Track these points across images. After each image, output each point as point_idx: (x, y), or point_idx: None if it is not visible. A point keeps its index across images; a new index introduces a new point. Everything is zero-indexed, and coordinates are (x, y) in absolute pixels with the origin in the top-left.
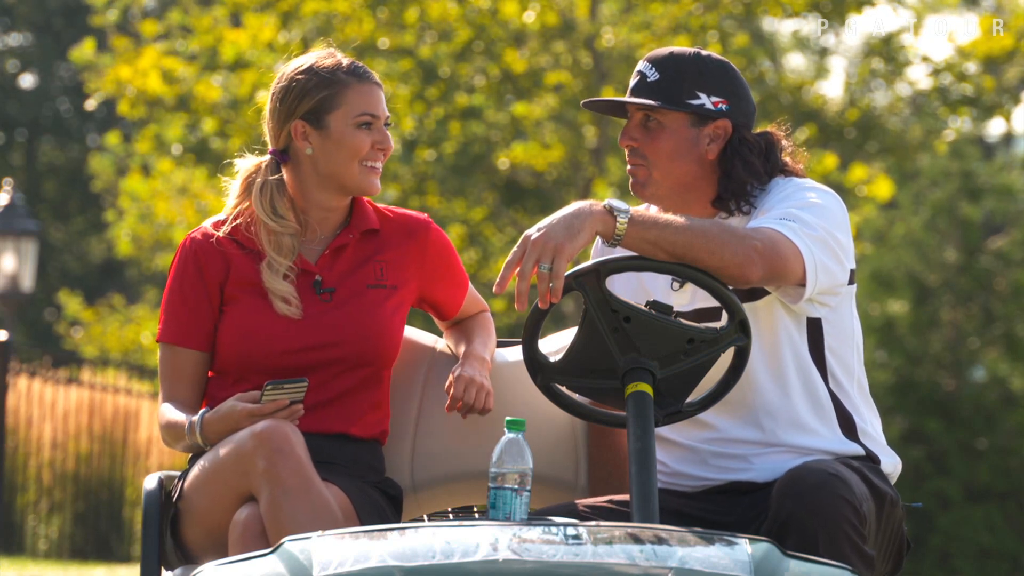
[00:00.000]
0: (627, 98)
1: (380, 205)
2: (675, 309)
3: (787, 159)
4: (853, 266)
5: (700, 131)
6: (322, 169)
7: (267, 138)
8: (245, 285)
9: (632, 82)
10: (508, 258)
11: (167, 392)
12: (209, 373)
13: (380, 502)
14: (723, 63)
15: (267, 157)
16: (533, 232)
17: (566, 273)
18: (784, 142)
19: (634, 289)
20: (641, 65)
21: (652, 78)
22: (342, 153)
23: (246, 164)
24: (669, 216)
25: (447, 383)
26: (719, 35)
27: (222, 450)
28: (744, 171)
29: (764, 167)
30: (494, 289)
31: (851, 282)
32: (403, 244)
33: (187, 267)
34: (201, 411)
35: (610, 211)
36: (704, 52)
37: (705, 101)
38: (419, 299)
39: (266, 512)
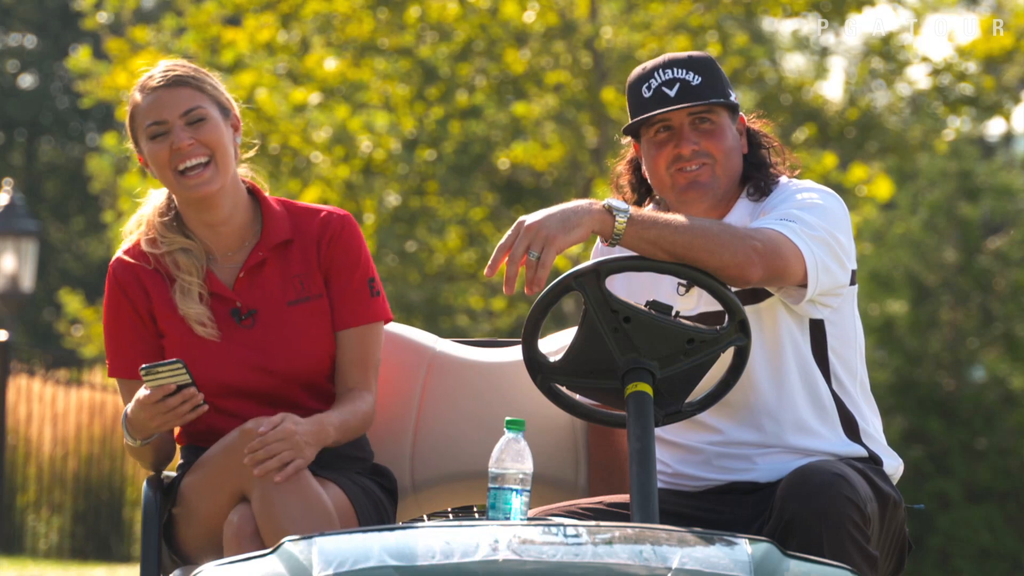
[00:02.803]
0: (688, 103)
1: (300, 203)
2: (682, 313)
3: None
4: (854, 267)
5: (736, 126)
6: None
7: None
8: (170, 318)
9: (671, 91)
10: (501, 241)
11: None
12: None
13: (376, 494)
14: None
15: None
16: (528, 219)
17: (566, 273)
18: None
19: (639, 292)
20: (672, 73)
21: (695, 82)
22: (156, 170)
23: (153, 199)
24: (669, 216)
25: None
26: (719, 35)
27: (214, 451)
28: (766, 156)
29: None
30: (485, 272)
31: (853, 283)
32: (311, 245)
33: (119, 299)
34: (125, 408)
35: (609, 210)
36: (703, 52)
37: (733, 96)
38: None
39: (258, 508)
